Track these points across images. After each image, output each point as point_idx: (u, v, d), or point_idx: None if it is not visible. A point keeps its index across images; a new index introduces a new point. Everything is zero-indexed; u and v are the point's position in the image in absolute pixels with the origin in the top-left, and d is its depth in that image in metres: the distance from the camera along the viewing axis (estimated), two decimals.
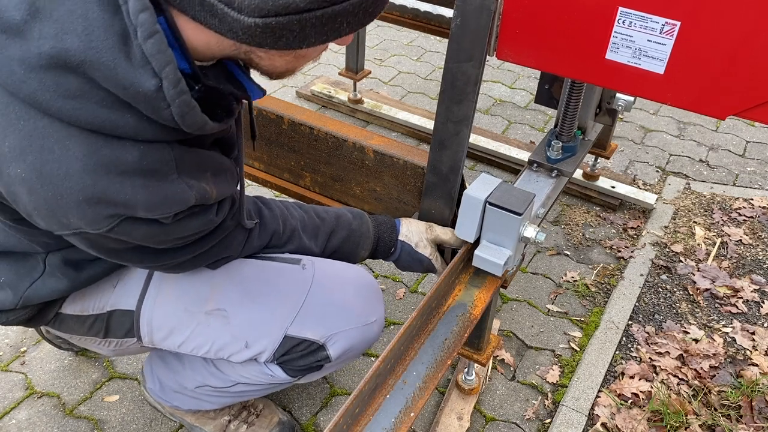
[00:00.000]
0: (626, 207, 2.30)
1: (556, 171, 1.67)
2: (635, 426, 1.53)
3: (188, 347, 1.17)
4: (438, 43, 3.57)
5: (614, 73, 1.03)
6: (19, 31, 0.72)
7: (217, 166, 0.96)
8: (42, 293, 1.06)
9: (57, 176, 0.78)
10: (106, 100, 0.76)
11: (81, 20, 0.71)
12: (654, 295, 1.93)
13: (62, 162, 0.78)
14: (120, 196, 0.82)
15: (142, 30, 0.71)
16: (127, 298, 1.16)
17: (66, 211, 0.81)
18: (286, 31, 0.73)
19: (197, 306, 1.14)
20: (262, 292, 1.15)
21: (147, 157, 0.82)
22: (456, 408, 1.55)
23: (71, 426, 1.53)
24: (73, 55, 0.71)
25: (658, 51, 0.97)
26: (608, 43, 1.00)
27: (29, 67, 0.73)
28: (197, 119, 0.81)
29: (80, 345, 1.30)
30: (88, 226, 0.84)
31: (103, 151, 0.79)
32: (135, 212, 0.84)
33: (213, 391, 1.30)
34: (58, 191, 0.79)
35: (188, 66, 0.80)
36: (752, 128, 2.85)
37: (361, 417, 0.95)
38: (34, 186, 0.79)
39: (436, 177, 1.28)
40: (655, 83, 1.00)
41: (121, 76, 0.73)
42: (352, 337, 1.16)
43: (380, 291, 1.26)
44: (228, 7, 0.71)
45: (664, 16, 0.94)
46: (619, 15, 0.97)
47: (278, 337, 1.13)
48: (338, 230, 1.24)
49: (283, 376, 1.19)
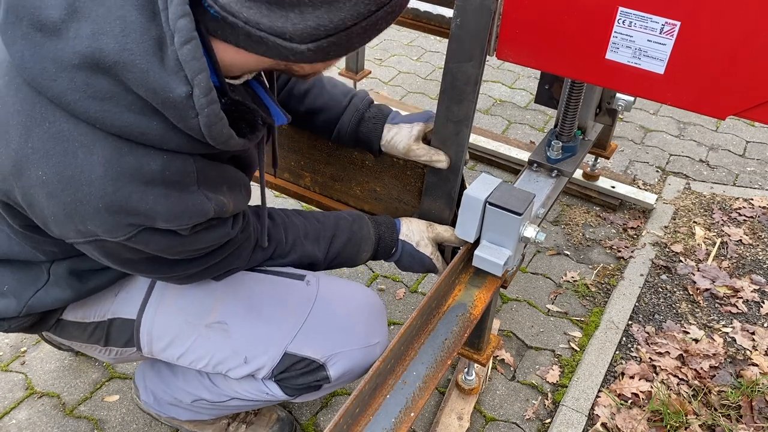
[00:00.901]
0: (626, 207, 2.30)
1: (556, 171, 1.67)
2: (635, 426, 1.53)
3: (187, 360, 1.16)
4: (438, 43, 3.57)
5: (614, 73, 1.03)
6: (56, 29, 0.72)
7: (233, 180, 0.96)
8: (46, 302, 1.06)
9: (79, 181, 0.78)
10: (135, 104, 0.75)
11: (119, 22, 0.71)
12: (654, 295, 1.93)
13: (85, 167, 0.78)
14: (141, 206, 0.81)
15: (180, 35, 0.71)
16: (128, 307, 1.15)
17: (84, 218, 0.81)
18: (335, 46, 0.75)
19: (198, 318, 1.13)
20: (264, 307, 1.14)
21: (170, 166, 0.82)
22: (456, 408, 1.55)
23: (71, 426, 1.53)
24: (107, 56, 0.71)
25: (658, 51, 0.97)
26: (608, 43, 1.00)
27: (62, 65, 0.73)
28: (224, 131, 0.80)
29: (82, 351, 1.30)
30: (105, 234, 0.83)
31: (127, 158, 0.79)
32: (154, 222, 0.84)
33: (209, 405, 1.29)
34: (79, 197, 0.79)
35: (217, 80, 0.81)
36: (752, 128, 2.85)
37: (361, 417, 0.95)
38: (55, 190, 0.79)
39: (436, 177, 1.28)
40: (655, 83, 1.00)
41: (152, 80, 0.72)
42: (353, 358, 1.14)
43: (384, 312, 1.23)
44: (279, 38, 0.72)
45: (664, 16, 0.94)
46: (619, 15, 0.97)
47: (278, 353, 1.11)
48: (339, 235, 1.23)
49: (280, 394, 1.18)
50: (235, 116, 0.84)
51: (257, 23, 0.71)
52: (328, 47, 0.75)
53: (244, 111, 0.86)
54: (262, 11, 0.70)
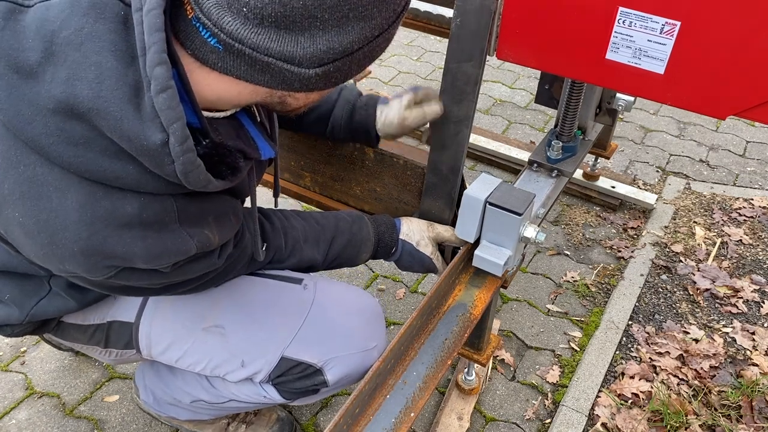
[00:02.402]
0: (626, 207, 2.30)
1: (557, 171, 1.67)
2: (635, 426, 1.52)
3: (185, 363, 1.16)
4: (438, 43, 3.57)
5: (614, 73, 1.03)
6: (33, 72, 0.71)
7: (219, 210, 0.94)
8: (49, 311, 1.06)
9: (54, 225, 0.77)
10: (109, 149, 0.74)
11: (94, 68, 0.71)
12: (654, 295, 1.93)
13: (60, 211, 0.77)
14: (118, 249, 0.80)
15: (156, 84, 0.70)
16: (127, 311, 1.16)
17: (63, 259, 0.80)
18: (338, 72, 0.76)
19: (195, 322, 1.13)
20: (262, 311, 1.14)
21: (148, 208, 0.80)
22: (456, 408, 1.55)
23: (71, 426, 1.53)
24: (81, 103, 0.71)
25: (658, 51, 0.97)
26: (608, 43, 1.00)
27: (36, 109, 0.72)
28: (201, 177, 0.79)
29: (83, 352, 1.30)
30: (85, 273, 0.83)
31: (102, 203, 0.77)
32: (133, 263, 0.84)
33: (208, 405, 1.29)
34: (54, 240, 0.78)
35: (197, 120, 0.80)
36: (752, 128, 2.85)
37: (361, 417, 0.95)
38: (31, 231, 0.78)
39: (436, 177, 1.28)
40: (656, 83, 1.00)
41: (126, 127, 0.72)
42: (350, 363, 1.13)
43: (382, 315, 1.23)
44: (287, 63, 0.72)
45: (664, 16, 0.94)
46: (619, 15, 0.97)
47: (275, 358, 1.11)
48: (339, 236, 1.23)
49: (278, 397, 1.17)
50: (215, 160, 0.83)
51: (266, 48, 0.70)
52: (334, 72, 0.75)
53: (225, 154, 0.84)
54: (271, 36, 0.70)
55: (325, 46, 0.72)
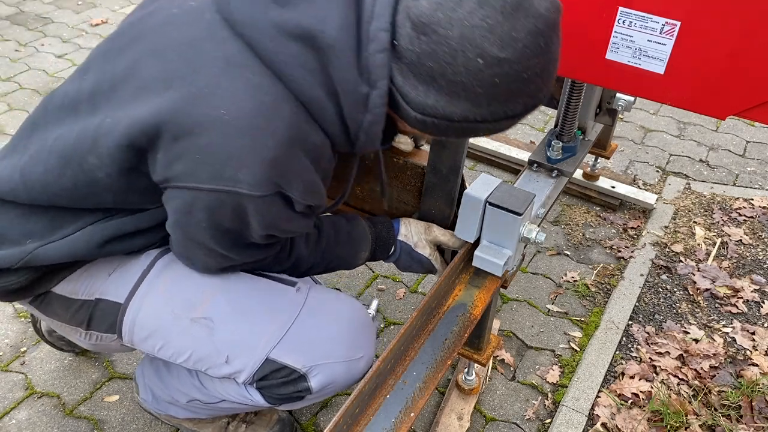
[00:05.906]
0: (626, 207, 2.30)
1: (556, 171, 1.67)
2: (635, 426, 1.53)
3: (167, 352, 1.13)
4: None
5: (614, 73, 1.03)
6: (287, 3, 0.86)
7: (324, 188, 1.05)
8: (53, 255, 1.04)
9: (263, 129, 0.87)
10: (326, 85, 0.88)
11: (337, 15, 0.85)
12: (654, 295, 1.93)
13: (273, 120, 0.87)
14: (295, 170, 0.91)
15: (376, 45, 0.84)
16: (118, 289, 1.13)
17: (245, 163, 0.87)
18: (434, 127, 0.91)
19: (185, 311, 1.11)
20: (252, 309, 1.13)
21: (324, 148, 0.94)
22: (456, 408, 1.55)
23: (71, 426, 1.53)
24: (326, 38, 0.84)
25: (658, 51, 0.97)
26: (608, 43, 1.01)
27: (282, 31, 0.85)
28: (377, 132, 0.93)
29: (61, 333, 1.27)
30: (248, 187, 0.89)
31: (304, 126, 0.90)
32: (292, 191, 0.93)
33: (203, 405, 1.28)
34: (256, 143, 0.87)
35: None
36: (752, 128, 2.85)
37: (361, 417, 0.95)
38: (232, 131, 0.86)
39: (436, 177, 1.28)
40: (655, 83, 1.00)
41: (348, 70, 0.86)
42: (335, 372, 1.12)
43: (372, 326, 1.21)
44: (403, 100, 0.89)
45: (664, 16, 0.94)
46: (619, 15, 0.97)
47: (260, 358, 1.09)
48: (337, 238, 1.23)
49: (263, 402, 1.16)
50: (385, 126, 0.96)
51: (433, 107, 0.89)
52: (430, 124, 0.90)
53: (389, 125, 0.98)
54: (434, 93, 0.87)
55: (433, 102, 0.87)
